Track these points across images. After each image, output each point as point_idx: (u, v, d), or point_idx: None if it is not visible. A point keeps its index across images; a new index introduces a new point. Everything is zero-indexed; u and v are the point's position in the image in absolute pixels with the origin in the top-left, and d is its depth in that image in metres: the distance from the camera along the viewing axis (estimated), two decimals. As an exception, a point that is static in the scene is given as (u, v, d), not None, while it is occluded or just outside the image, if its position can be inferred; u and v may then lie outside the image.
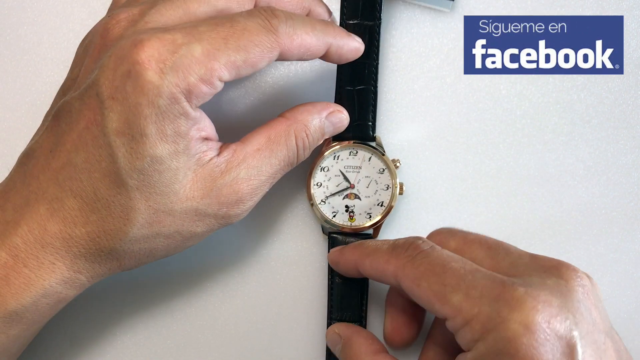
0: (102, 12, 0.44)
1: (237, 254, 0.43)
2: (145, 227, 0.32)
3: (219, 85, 0.32)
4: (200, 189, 0.33)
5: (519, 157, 0.43)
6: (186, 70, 0.30)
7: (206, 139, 0.33)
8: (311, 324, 0.42)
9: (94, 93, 0.31)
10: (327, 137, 0.38)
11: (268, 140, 0.35)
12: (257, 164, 0.34)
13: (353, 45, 0.37)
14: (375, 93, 0.41)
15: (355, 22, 0.40)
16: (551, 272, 0.30)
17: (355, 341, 0.37)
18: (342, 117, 0.38)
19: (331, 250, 0.40)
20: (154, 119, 0.30)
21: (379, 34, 0.40)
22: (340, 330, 0.38)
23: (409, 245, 0.33)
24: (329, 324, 0.40)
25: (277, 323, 0.42)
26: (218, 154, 0.33)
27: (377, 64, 0.40)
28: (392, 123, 0.43)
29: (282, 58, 0.33)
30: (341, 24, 0.40)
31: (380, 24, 0.40)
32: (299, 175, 0.41)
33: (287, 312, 0.42)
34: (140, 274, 0.42)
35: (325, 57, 0.36)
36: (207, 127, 0.33)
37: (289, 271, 0.43)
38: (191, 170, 0.32)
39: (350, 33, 0.37)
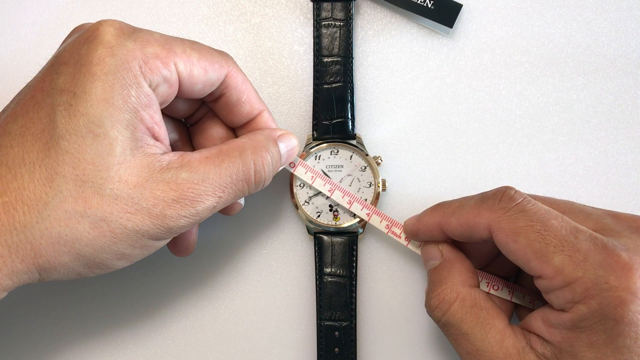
0: (102, 12, 0.44)
1: (230, 257, 0.43)
2: (69, 200, 0.29)
3: (173, 72, 0.32)
4: (136, 175, 0.30)
5: (519, 157, 0.43)
6: (144, 41, 0.31)
7: (156, 138, 0.32)
8: (301, 324, 0.42)
9: (50, 64, 0.31)
10: (283, 159, 0.37)
11: (219, 151, 0.33)
12: (202, 169, 0.32)
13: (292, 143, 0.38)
14: (352, 90, 0.41)
15: (328, 20, 0.41)
16: None
17: (455, 266, 0.36)
18: (292, 141, 0.38)
19: (405, 222, 0.39)
20: (102, 78, 0.29)
21: (351, 31, 0.41)
22: (444, 249, 0.37)
23: (500, 196, 0.33)
24: (318, 324, 0.40)
25: (267, 325, 0.42)
26: (163, 154, 0.32)
27: (352, 60, 0.41)
28: (392, 123, 0.43)
29: (220, 83, 0.35)
30: (315, 24, 0.41)
31: (352, 21, 0.41)
32: (282, 177, 0.41)
33: (277, 313, 0.42)
34: (140, 275, 0.43)
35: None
36: (158, 121, 0.32)
37: (276, 274, 0.43)
38: (130, 150, 0.30)
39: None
